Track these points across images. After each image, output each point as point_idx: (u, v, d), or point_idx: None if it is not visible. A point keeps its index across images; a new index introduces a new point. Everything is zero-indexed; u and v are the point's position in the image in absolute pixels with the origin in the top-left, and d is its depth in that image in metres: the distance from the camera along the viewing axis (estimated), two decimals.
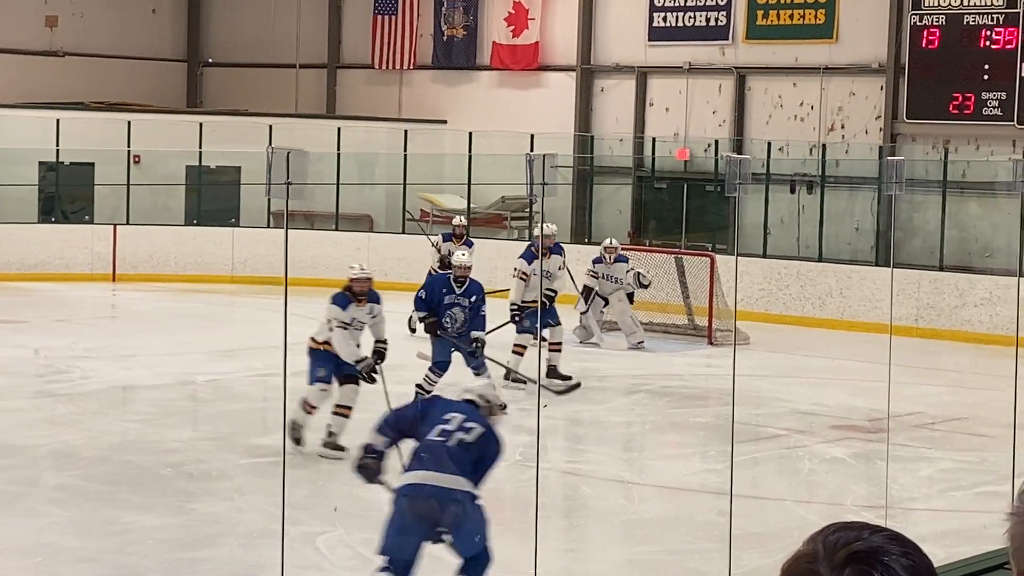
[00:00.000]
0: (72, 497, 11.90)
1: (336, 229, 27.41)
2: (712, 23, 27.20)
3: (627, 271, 20.44)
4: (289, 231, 7.86)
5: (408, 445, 8.81)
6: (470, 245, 19.55)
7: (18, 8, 31.66)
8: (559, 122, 28.43)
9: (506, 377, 17.04)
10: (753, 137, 26.58)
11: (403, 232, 27.71)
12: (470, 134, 27.49)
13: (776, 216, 25.22)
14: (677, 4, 27.55)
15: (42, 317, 21.95)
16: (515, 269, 18.14)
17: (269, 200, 5.33)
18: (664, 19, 27.75)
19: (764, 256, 24.02)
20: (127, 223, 26.82)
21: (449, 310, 15.39)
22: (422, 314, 15.80)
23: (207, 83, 34.43)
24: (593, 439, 15.58)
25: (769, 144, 25.37)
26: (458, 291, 15.47)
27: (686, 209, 26.30)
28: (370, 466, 8.97)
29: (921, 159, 24.36)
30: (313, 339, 13.66)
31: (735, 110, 26.99)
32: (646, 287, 20.74)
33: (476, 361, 15.40)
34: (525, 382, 16.49)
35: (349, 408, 13.51)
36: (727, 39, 27.05)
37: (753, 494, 11.88)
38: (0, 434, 14.04)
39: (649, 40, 27.95)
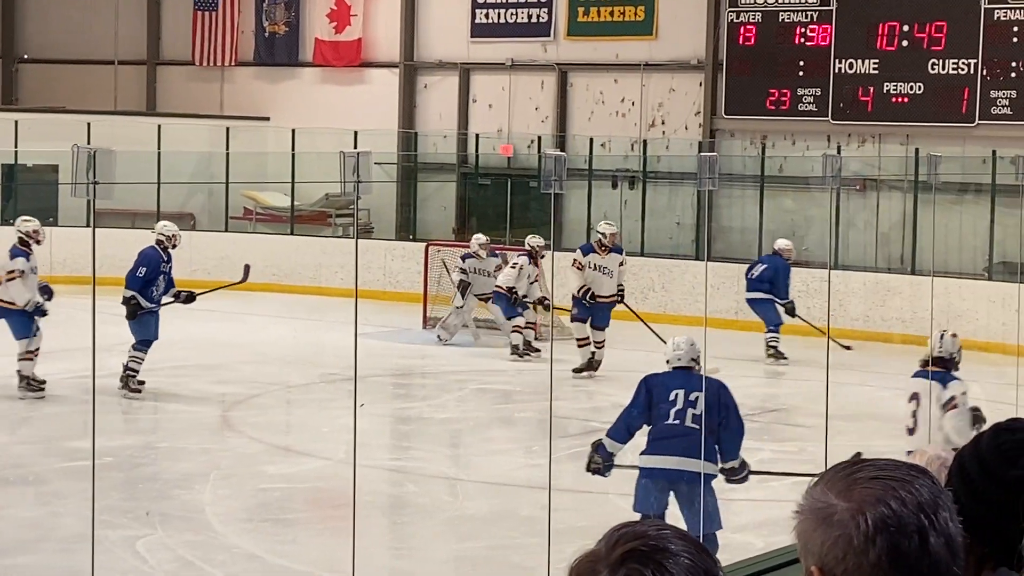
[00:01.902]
0: None
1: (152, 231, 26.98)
2: (534, 20, 27.35)
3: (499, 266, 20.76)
4: (109, 230, 7.79)
5: None
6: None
7: None
8: (383, 119, 28.36)
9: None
10: (575, 133, 26.80)
11: (226, 230, 27.44)
12: (293, 131, 27.30)
13: (599, 211, 25.43)
14: (499, 1, 27.66)
15: None
16: (573, 260, 18.72)
17: (88, 199, 5.25)
18: (487, 16, 27.84)
19: None
20: None
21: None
22: None
23: (23, 80, 33.68)
24: (418, 436, 15.60)
25: (591, 140, 25.59)
26: None
27: (510, 205, 26.38)
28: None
29: (739, 154, 24.77)
30: None
31: (557, 106, 27.17)
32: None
33: None
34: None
35: None
36: (549, 36, 27.22)
37: (577, 488, 11.97)
38: None
39: (472, 37, 28.01)
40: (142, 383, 15.99)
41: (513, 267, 19.81)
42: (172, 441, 14.44)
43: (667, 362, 10.12)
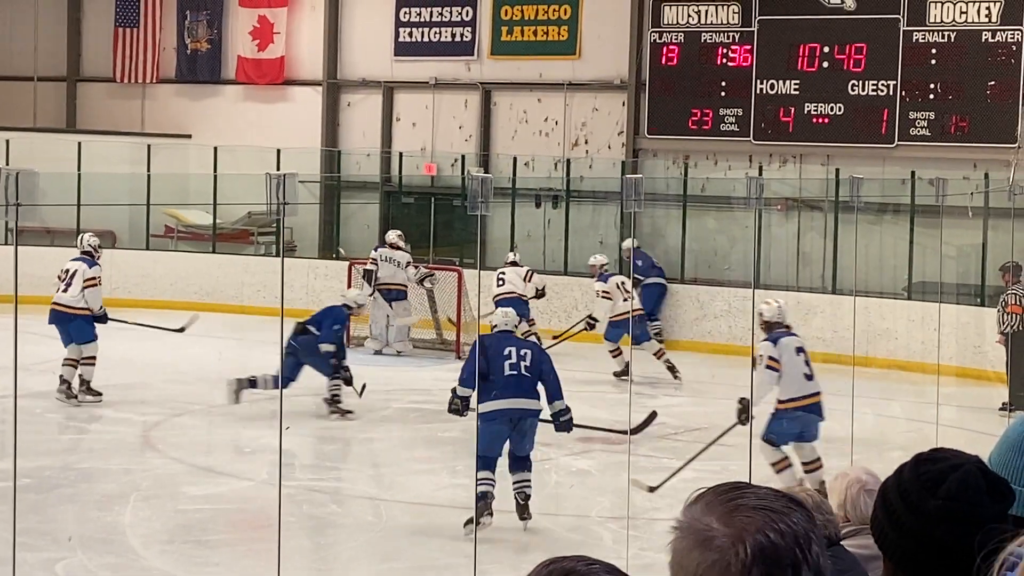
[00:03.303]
0: None
1: (76, 246, 26.76)
2: (458, 39, 27.39)
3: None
4: (28, 247, 7.71)
5: None
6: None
7: None
8: (306, 137, 28.28)
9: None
10: (499, 152, 26.83)
11: (147, 248, 27.23)
12: (215, 149, 27.17)
13: (523, 230, 25.49)
14: (423, 20, 27.67)
15: None
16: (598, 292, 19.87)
17: (8, 221, 5.19)
18: (410, 34, 27.85)
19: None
20: None
21: None
22: None
23: None
24: (341, 456, 15.54)
25: (515, 159, 25.65)
26: None
27: (434, 224, 26.38)
28: None
29: (662, 175, 24.89)
30: None
31: (481, 125, 27.20)
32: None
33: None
34: None
35: None
36: (472, 55, 27.26)
37: (501, 508, 11.96)
38: None
39: (395, 55, 28.00)
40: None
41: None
42: (92, 462, 14.30)
43: (494, 327, 12.94)
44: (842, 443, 13.53)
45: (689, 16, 24.86)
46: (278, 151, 26.22)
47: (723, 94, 24.57)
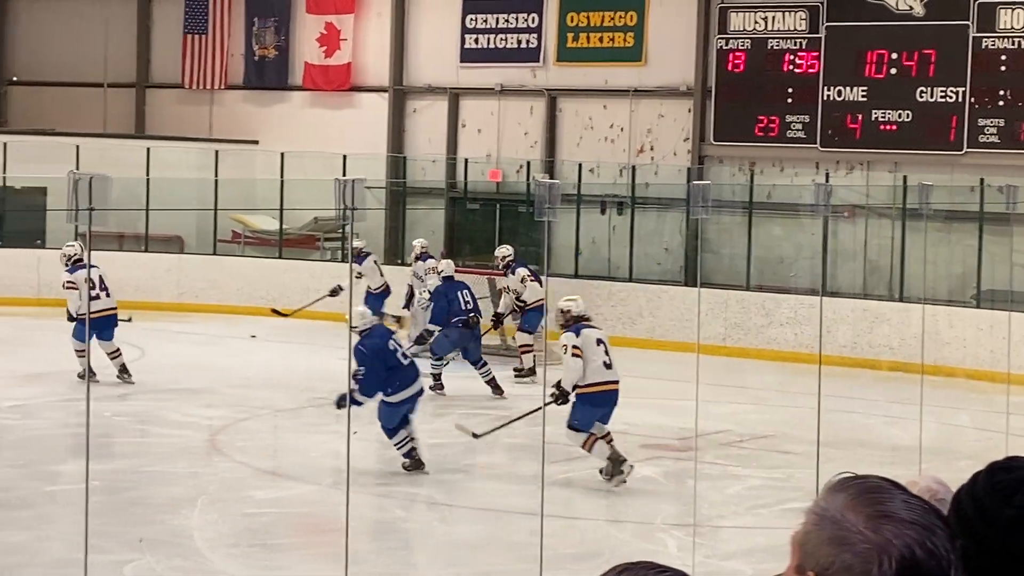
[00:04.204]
0: None
1: (145, 251, 27.03)
2: (523, 45, 27.41)
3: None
4: (97, 252, 7.76)
5: None
6: None
7: None
8: (372, 143, 28.38)
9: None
10: (564, 158, 26.82)
11: (214, 253, 27.42)
12: (282, 155, 27.32)
13: (587, 237, 25.47)
14: (489, 26, 27.71)
15: None
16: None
17: (77, 225, 5.24)
18: (476, 41, 27.89)
19: (576, 276, 24.24)
20: None
21: None
22: None
23: (12, 102, 33.66)
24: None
25: (580, 165, 25.62)
26: None
27: (498, 230, 26.41)
28: None
29: (728, 182, 24.79)
30: None
31: (546, 131, 27.20)
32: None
33: None
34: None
35: None
36: (538, 61, 27.27)
37: (566, 514, 11.95)
38: None
39: (461, 61, 28.05)
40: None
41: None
42: (159, 465, 14.39)
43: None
44: (909, 451, 13.46)
45: (756, 22, 24.77)
46: (344, 157, 26.32)
47: (790, 101, 24.45)
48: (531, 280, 20.33)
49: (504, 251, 20.81)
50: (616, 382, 13.80)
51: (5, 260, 26.33)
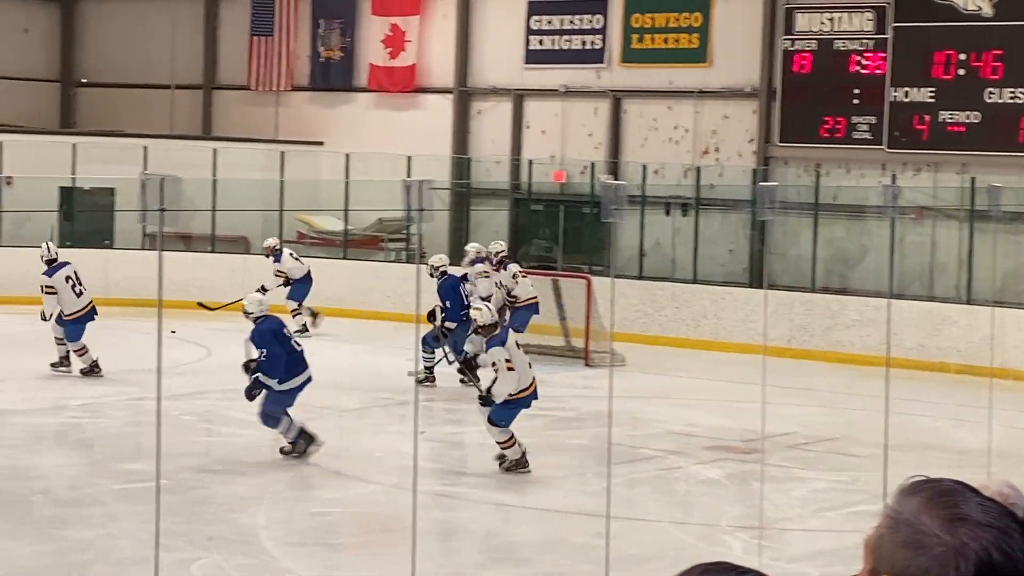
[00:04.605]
0: None
1: (212, 251, 27.20)
2: (588, 46, 27.39)
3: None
4: (164, 253, 7.85)
5: None
6: None
7: None
8: (436, 144, 28.44)
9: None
10: (628, 159, 26.78)
11: None
12: (347, 156, 27.43)
13: (651, 238, 25.42)
14: (553, 28, 27.71)
15: None
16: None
17: (144, 224, 5.29)
18: (540, 42, 27.90)
19: (640, 278, 24.21)
20: None
21: None
22: None
23: (81, 103, 33.99)
24: (470, 462, 15.58)
25: (644, 167, 25.57)
26: None
27: (562, 231, 26.41)
28: None
29: (793, 183, 24.67)
30: None
31: (611, 133, 27.17)
32: None
33: None
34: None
35: None
36: (603, 62, 27.24)
37: (629, 516, 11.95)
38: None
39: (526, 63, 28.07)
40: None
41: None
42: (226, 464, 14.48)
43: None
44: (977, 455, 13.37)
45: (822, 23, 24.64)
46: (408, 158, 26.40)
47: (856, 102, 24.30)
48: (523, 276, 20.60)
49: (497, 247, 20.92)
50: (534, 379, 14.38)
51: (75, 260, 26.50)
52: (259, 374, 14.07)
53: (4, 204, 26.74)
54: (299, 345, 14.56)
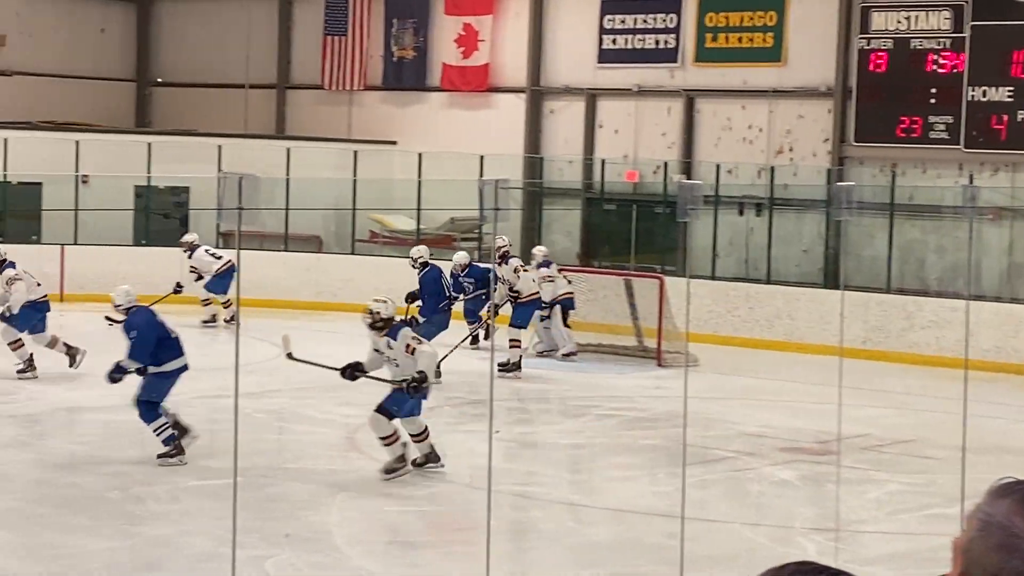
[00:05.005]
0: (17, 520, 11.79)
1: (285, 250, 27.33)
2: (661, 46, 27.31)
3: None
4: (239, 252, 7.91)
5: None
6: None
7: None
8: (509, 143, 28.45)
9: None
10: (702, 159, 26.68)
11: (352, 253, 27.64)
12: (420, 155, 27.49)
13: (724, 238, 25.31)
14: (626, 27, 27.66)
15: None
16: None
17: (219, 222, 5.31)
18: (613, 41, 27.85)
19: (713, 278, 24.11)
20: (75, 243, 26.65)
21: None
22: None
23: (156, 103, 34.28)
24: (542, 461, 15.57)
25: (718, 166, 25.47)
26: None
27: (635, 231, 26.34)
28: None
29: (869, 183, 24.48)
30: None
31: (684, 132, 27.08)
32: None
33: None
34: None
35: None
36: (676, 62, 27.15)
37: (702, 517, 11.89)
38: None
39: (599, 62, 28.03)
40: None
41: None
42: (298, 462, 14.54)
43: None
44: None
45: (898, 22, 24.44)
46: (481, 157, 26.42)
47: (933, 101, 24.08)
48: (524, 272, 20.56)
49: (499, 241, 20.86)
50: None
51: (149, 258, 26.76)
52: (123, 360, 13.92)
53: (80, 202, 26.99)
54: (174, 332, 14.29)
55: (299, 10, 32.25)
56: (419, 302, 19.99)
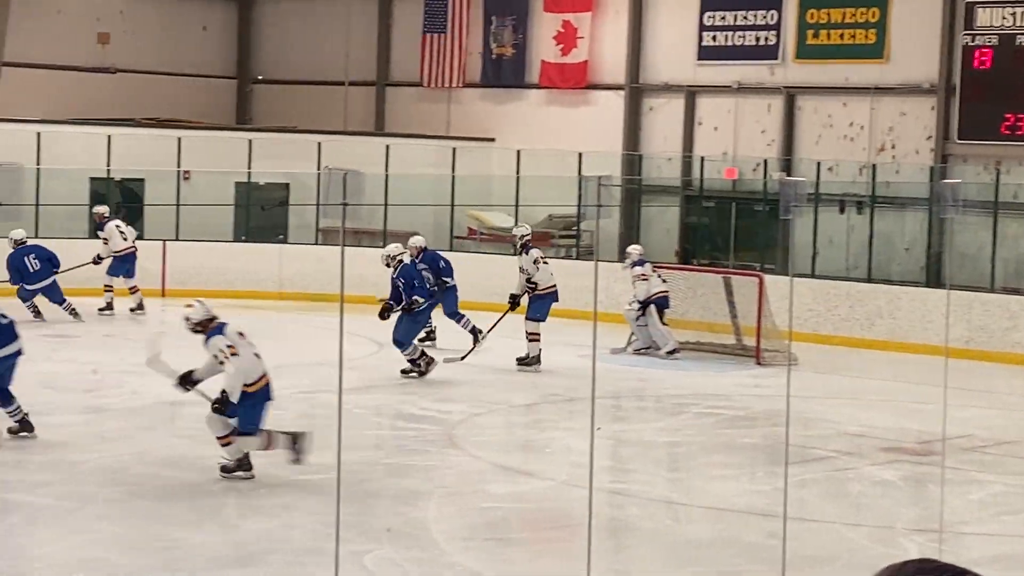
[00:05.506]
0: (120, 513, 11.92)
1: (384, 246, 27.42)
2: (762, 42, 27.14)
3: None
4: (336, 247, 7.95)
5: None
6: None
7: (71, 25, 31.89)
8: (607, 140, 28.41)
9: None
10: (802, 157, 26.49)
11: (450, 249, 27.69)
12: (518, 152, 27.50)
13: (825, 236, 25.10)
14: (727, 23, 27.52)
15: (91, 332, 22.06)
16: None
17: (318, 217, 5.33)
18: (713, 38, 27.72)
19: (813, 276, 23.92)
20: (176, 239, 26.93)
21: None
22: None
23: (257, 100, 34.57)
24: (640, 459, 15.52)
25: (819, 164, 25.27)
26: None
27: (734, 228, 26.20)
28: None
29: (972, 180, 24.18)
30: None
31: (784, 129, 26.89)
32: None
33: None
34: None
35: None
36: (776, 58, 26.97)
37: (802, 516, 11.79)
38: (49, 450, 14.09)
39: (698, 59, 27.91)
40: None
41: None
42: (397, 458, 14.59)
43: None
44: None
45: (1004, 18, 24.11)
46: (580, 155, 26.38)
47: None
48: (544, 263, 20.14)
49: (521, 230, 20.63)
50: (266, 372, 13.19)
51: (249, 254, 27.00)
52: None
53: (182, 198, 27.28)
54: (6, 318, 14.05)
55: (398, 8, 32.39)
56: (392, 302, 19.13)
